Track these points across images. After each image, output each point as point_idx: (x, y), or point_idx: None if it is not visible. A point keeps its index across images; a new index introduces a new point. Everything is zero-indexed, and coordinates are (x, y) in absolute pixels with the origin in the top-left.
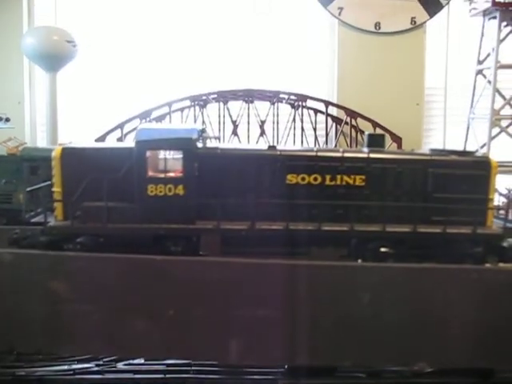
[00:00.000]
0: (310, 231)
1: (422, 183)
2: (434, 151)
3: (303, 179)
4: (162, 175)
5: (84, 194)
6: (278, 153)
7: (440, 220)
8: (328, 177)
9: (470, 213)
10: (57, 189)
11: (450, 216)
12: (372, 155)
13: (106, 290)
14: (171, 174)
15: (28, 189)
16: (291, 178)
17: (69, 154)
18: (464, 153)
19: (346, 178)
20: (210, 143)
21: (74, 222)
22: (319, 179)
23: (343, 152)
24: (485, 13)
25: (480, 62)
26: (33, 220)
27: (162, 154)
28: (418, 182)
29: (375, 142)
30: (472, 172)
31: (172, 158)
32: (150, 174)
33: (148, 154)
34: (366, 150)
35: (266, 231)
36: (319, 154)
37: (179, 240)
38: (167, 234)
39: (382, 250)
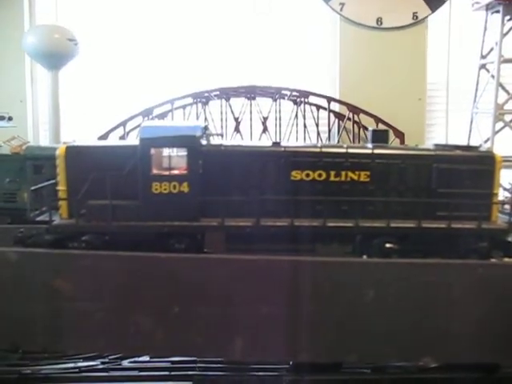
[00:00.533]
0: (314, 227)
1: (427, 178)
2: (438, 146)
3: (308, 175)
4: (167, 173)
5: (88, 192)
6: (283, 149)
7: (445, 215)
8: (332, 173)
9: (474, 208)
10: (61, 187)
11: (455, 211)
12: (376, 151)
13: (111, 288)
14: (175, 172)
15: (32, 188)
16: (296, 175)
17: (73, 152)
18: (468, 148)
19: (350, 173)
20: (214, 140)
21: (79, 220)
22: (324, 175)
23: (347, 148)
24: (488, 7)
25: (483, 57)
26: (37, 219)
27: (166, 151)
28: (422, 178)
29: (379, 137)
30: (476, 167)
31: (176, 156)
32: (155, 171)
33: (152, 151)
34: (370, 145)
35: (270, 228)
36: (323, 150)
37: (183, 237)
38: (171, 231)
39: (387, 245)
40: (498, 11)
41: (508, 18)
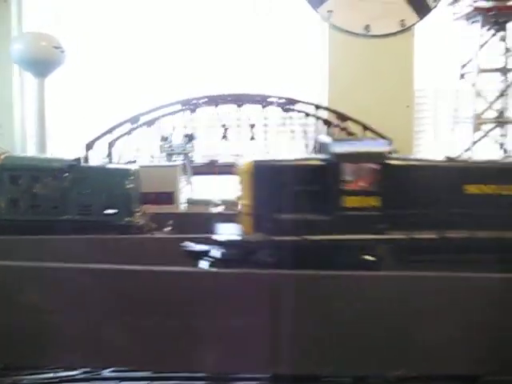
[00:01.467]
0: (492, 240)
1: None
2: None
3: (482, 189)
4: (358, 187)
5: (275, 207)
6: (458, 163)
7: None
8: (508, 186)
9: None
10: (246, 201)
11: None
12: None
13: (87, 301)
14: (366, 186)
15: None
16: (471, 189)
17: (260, 167)
18: None
19: None
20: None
21: (264, 235)
22: (499, 189)
23: None
24: (467, 17)
25: (463, 66)
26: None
27: (358, 166)
28: None
29: None
30: None
31: (367, 170)
32: (346, 185)
33: (344, 166)
34: None
35: (453, 240)
36: (496, 165)
37: (373, 250)
38: (362, 245)
39: None
40: (477, 21)
41: (486, 28)
